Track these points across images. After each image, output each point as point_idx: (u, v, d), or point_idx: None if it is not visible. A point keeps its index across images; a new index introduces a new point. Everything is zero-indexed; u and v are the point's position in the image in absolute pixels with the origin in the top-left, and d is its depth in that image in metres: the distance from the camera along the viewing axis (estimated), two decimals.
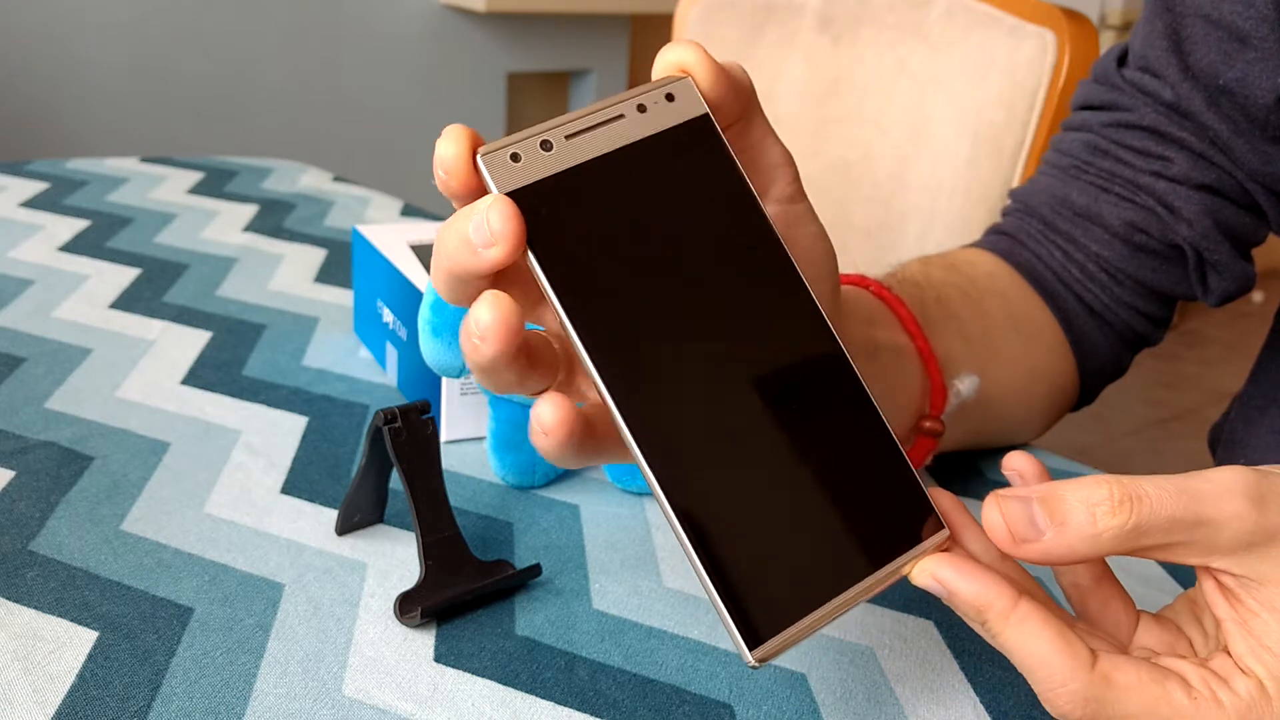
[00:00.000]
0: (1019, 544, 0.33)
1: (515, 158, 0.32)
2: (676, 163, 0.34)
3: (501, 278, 0.35)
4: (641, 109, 0.34)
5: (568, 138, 0.33)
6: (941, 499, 0.36)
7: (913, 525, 0.34)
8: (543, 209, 0.32)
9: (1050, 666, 0.33)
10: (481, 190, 0.33)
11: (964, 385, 0.56)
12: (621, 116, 0.34)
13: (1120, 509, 0.32)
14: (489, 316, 0.32)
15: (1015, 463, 0.37)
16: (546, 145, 0.33)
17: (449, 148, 0.33)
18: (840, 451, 0.34)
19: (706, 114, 0.35)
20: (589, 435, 0.34)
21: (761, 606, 0.31)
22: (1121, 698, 0.33)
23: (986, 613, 0.33)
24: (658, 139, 0.34)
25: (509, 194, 0.32)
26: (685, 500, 0.32)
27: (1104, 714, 0.33)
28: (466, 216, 0.32)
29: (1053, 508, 0.33)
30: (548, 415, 0.33)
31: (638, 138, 0.34)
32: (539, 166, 0.33)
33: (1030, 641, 0.33)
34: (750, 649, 0.31)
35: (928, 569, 0.34)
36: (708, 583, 0.31)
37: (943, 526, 0.35)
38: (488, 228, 0.32)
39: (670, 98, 0.35)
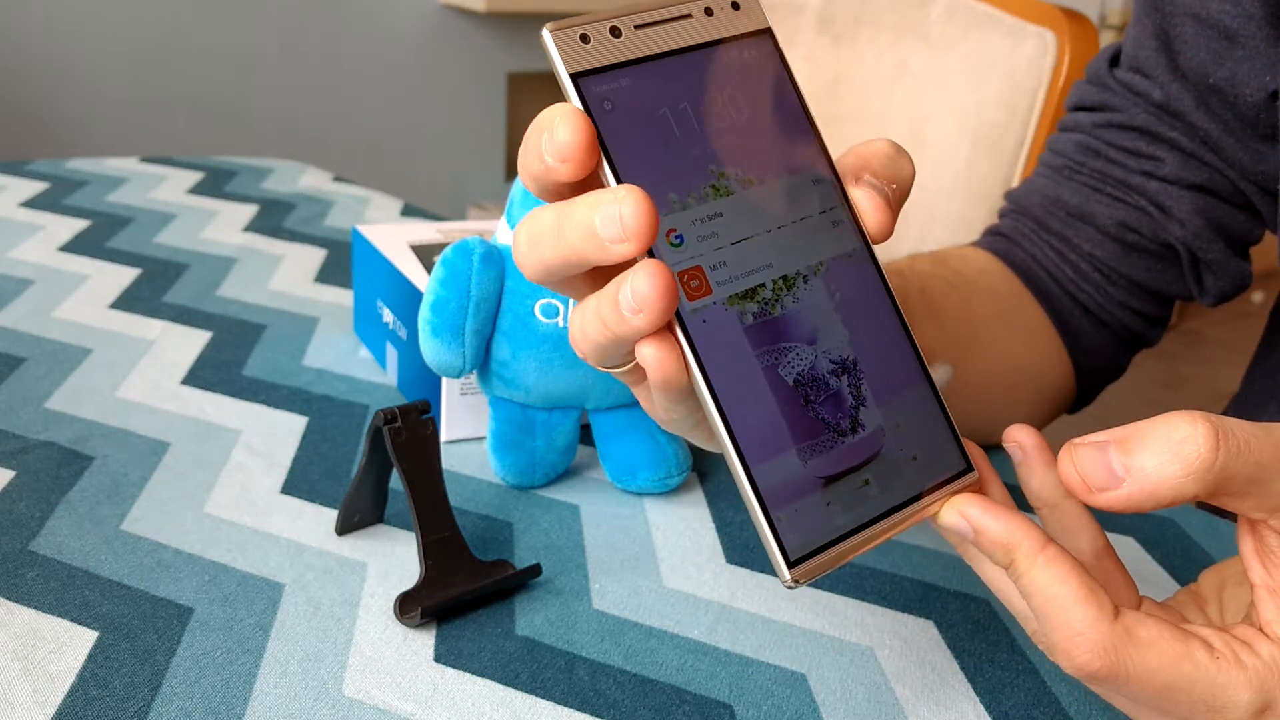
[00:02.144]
0: (1096, 492, 0.32)
1: (585, 39, 0.32)
2: (738, 71, 0.35)
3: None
4: (709, 12, 0.35)
5: (637, 28, 0.33)
6: (969, 448, 0.36)
7: (944, 466, 0.35)
8: (608, 95, 0.32)
9: (1071, 613, 0.32)
10: (584, 183, 0.32)
11: (938, 375, 0.56)
12: (689, 16, 0.34)
13: (1207, 447, 0.31)
14: (649, 288, 0.30)
15: (1016, 434, 0.36)
16: (616, 31, 0.33)
17: (568, 134, 0.31)
18: (880, 388, 0.34)
19: (768, 29, 0.35)
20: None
21: (802, 530, 0.32)
22: (1144, 653, 0.32)
23: (1015, 550, 0.32)
24: (722, 45, 0.35)
25: (575, 75, 0.32)
26: (741, 424, 0.32)
27: (1122, 668, 0.32)
28: (593, 207, 0.31)
29: (1131, 449, 0.32)
30: (648, 353, 0.32)
31: (703, 39, 0.34)
32: (607, 52, 0.33)
33: (1055, 585, 0.32)
34: (789, 568, 0.31)
35: (957, 506, 0.34)
36: (753, 503, 0.32)
37: (972, 469, 0.35)
38: (619, 223, 0.30)
39: (736, 6, 0.35)
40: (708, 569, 0.51)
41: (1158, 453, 0.31)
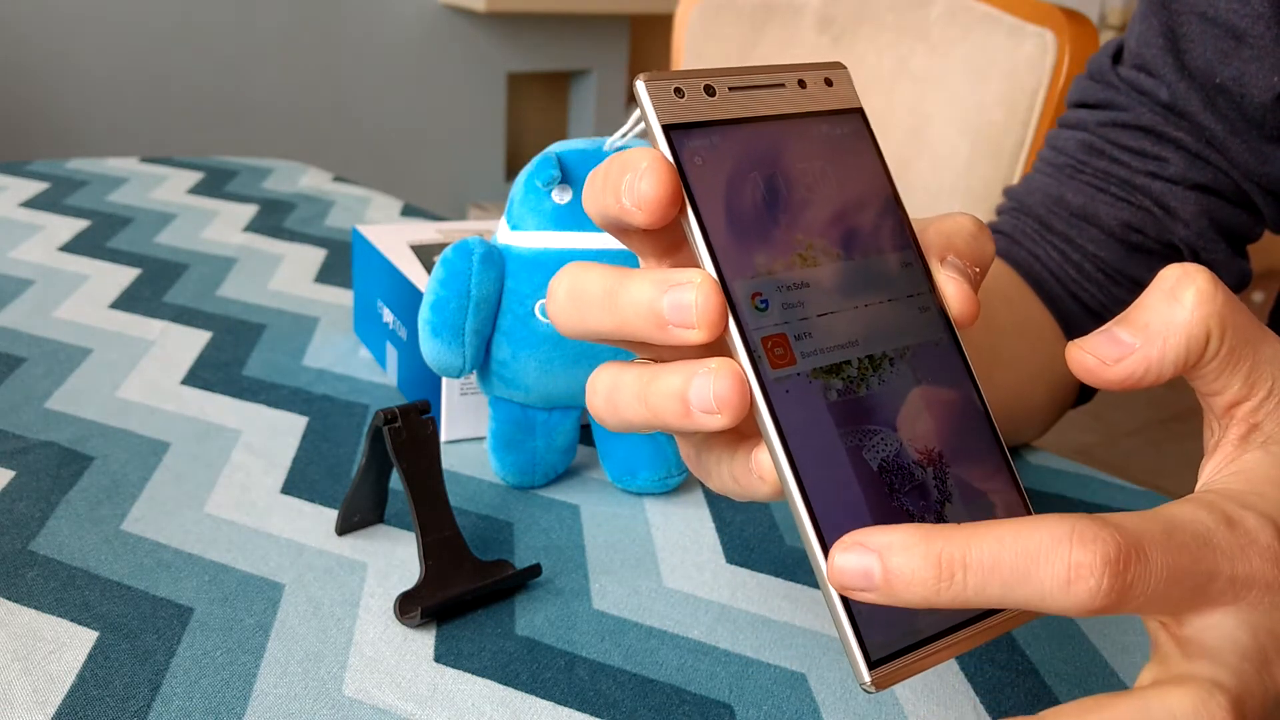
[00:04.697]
0: (1113, 364, 0.32)
1: (679, 93, 0.32)
2: (829, 145, 0.34)
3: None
4: (802, 84, 0.34)
5: (731, 89, 0.33)
6: None
7: None
8: (699, 151, 0.32)
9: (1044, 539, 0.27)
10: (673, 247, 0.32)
11: None
12: (782, 85, 0.34)
13: (1204, 279, 0.31)
14: (729, 387, 0.30)
15: None
16: (710, 90, 0.32)
17: (654, 184, 0.30)
18: (966, 486, 0.33)
19: (860, 109, 0.35)
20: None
21: (885, 629, 0.30)
22: (1149, 526, 0.28)
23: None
24: (814, 117, 0.34)
25: (667, 126, 0.31)
26: (823, 505, 0.30)
27: (1138, 556, 0.27)
28: (659, 286, 0.31)
29: (1133, 319, 0.32)
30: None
31: (796, 110, 0.34)
32: (700, 109, 0.32)
33: (1009, 540, 0.28)
34: (869, 670, 0.29)
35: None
36: (832, 593, 0.29)
37: None
38: (692, 310, 0.30)
39: (829, 83, 0.35)
40: (708, 569, 0.51)
41: (1157, 305, 0.31)
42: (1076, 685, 0.45)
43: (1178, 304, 0.31)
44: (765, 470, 0.32)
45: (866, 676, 0.29)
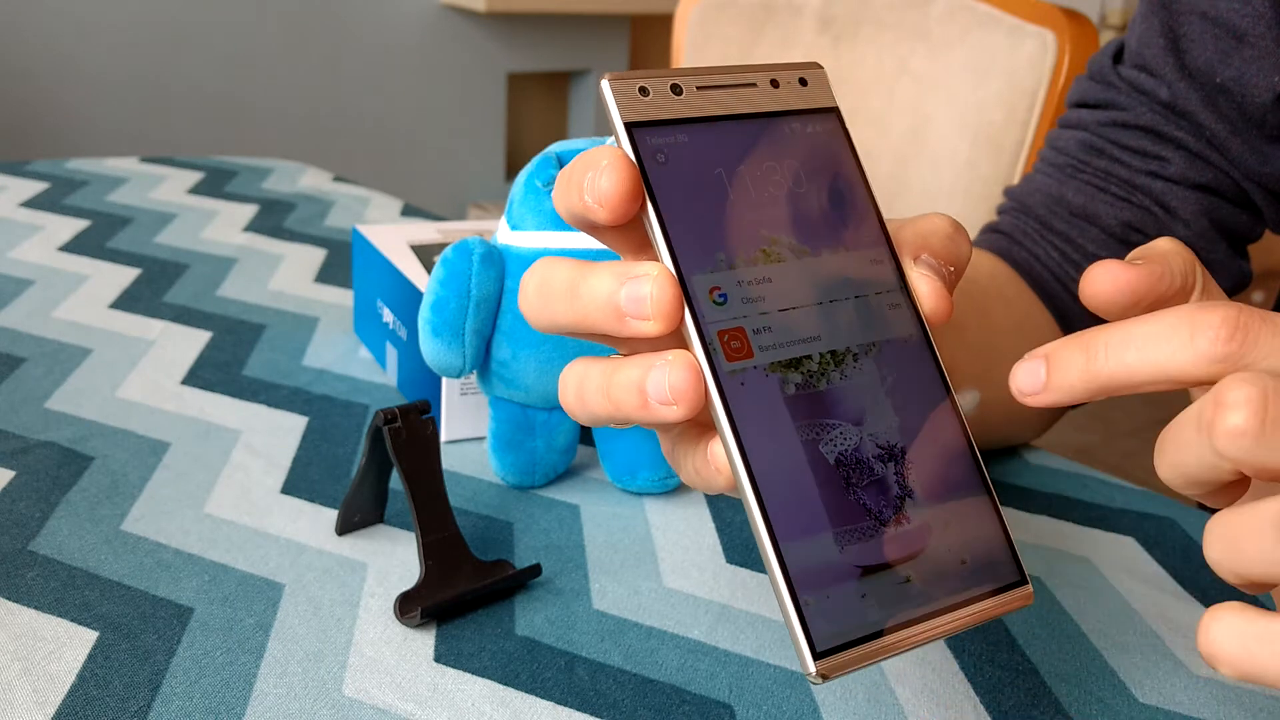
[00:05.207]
0: (1132, 270, 0.33)
1: (644, 91, 0.32)
2: (800, 143, 0.34)
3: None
4: (774, 84, 0.34)
5: (699, 89, 0.33)
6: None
7: (995, 575, 0.33)
8: (662, 148, 0.32)
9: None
10: (637, 242, 0.32)
11: (964, 401, 0.56)
12: (754, 85, 0.34)
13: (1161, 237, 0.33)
14: (683, 379, 0.30)
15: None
16: (677, 89, 0.32)
17: (612, 181, 0.30)
18: (930, 483, 0.33)
19: (835, 108, 0.35)
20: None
21: (833, 620, 0.30)
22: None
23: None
24: (785, 116, 0.34)
25: (630, 124, 0.31)
26: (774, 495, 0.30)
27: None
28: (618, 278, 0.31)
29: (1130, 257, 0.33)
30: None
31: (766, 109, 0.34)
32: (666, 107, 0.32)
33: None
34: (814, 660, 0.29)
35: None
36: (780, 584, 0.30)
37: (1026, 582, 0.33)
38: (647, 302, 0.30)
39: (803, 82, 0.35)
40: (708, 569, 0.51)
41: (1140, 248, 0.34)
42: (1076, 685, 0.45)
43: (1156, 242, 0.34)
44: (720, 462, 0.32)
45: (811, 667, 0.29)
